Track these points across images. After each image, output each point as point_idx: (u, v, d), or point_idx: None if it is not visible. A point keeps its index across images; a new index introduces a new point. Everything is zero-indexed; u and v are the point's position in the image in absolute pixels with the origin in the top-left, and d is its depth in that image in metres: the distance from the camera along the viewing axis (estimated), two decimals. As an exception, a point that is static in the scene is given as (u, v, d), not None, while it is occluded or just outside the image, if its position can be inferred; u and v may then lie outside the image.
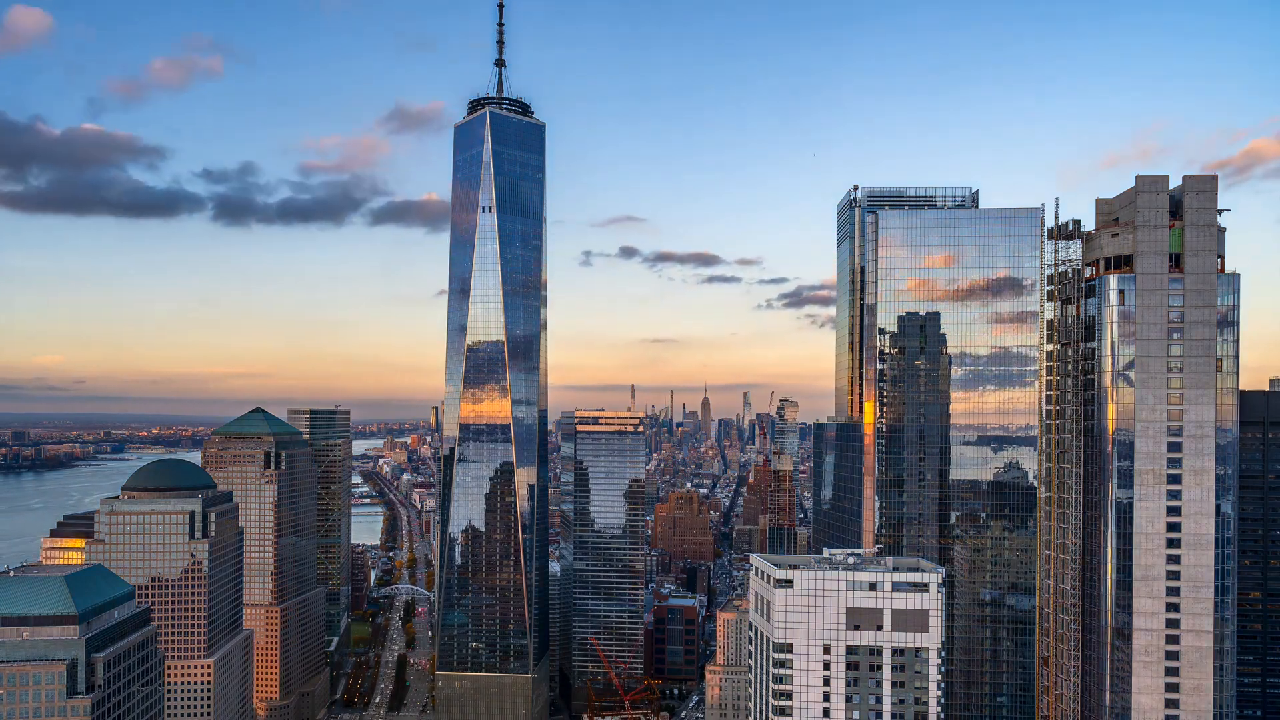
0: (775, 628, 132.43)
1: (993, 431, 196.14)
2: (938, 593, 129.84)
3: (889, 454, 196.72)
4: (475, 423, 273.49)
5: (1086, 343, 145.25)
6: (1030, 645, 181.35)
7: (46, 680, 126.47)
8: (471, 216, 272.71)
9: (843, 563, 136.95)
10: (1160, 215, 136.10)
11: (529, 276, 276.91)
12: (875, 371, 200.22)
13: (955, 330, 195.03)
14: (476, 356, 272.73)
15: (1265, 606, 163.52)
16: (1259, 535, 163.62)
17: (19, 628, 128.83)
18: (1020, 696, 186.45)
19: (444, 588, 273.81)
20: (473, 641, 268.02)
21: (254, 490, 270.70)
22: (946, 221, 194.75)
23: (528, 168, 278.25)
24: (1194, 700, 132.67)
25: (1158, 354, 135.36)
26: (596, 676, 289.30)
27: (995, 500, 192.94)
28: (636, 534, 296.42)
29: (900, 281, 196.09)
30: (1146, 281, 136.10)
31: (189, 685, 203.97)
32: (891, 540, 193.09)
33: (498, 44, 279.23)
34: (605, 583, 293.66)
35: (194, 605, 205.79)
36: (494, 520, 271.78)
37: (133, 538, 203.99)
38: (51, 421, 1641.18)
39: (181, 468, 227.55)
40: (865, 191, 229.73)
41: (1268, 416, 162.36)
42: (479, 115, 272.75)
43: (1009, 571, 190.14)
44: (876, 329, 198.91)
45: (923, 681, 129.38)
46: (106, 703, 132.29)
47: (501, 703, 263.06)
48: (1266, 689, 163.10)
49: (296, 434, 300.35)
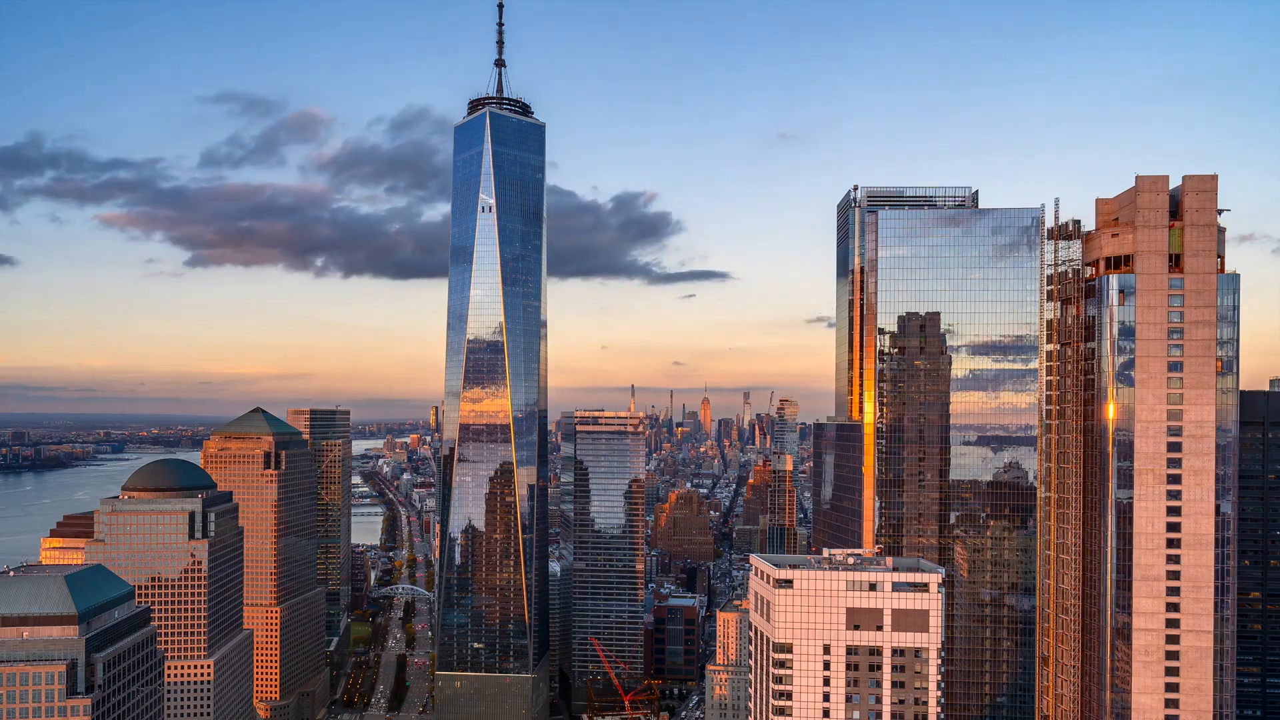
0: (775, 628, 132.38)
1: (993, 431, 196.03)
2: (938, 593, 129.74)
3: (889, 454, 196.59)
4: (475, 423, 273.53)
5: (1086, 343, 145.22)
6: (1030, 645, 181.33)
7: (46, 680, 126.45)
8: (471, 216, 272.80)
9: (843, 563, 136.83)
10: (1160, 215, 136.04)
11: (528, 277, 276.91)
12: (875, 371, 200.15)
13: (955, 330, 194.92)
14: (476, 357, 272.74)
15: (1265, 606, 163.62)
16: (1259, 535, 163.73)
17: (19, 628, 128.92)
18: (1020, 696, 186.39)
19: (444, 588, 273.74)
20: (473, 641, 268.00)
21: (254, 490, 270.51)
22: (946, 221, 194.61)
23: (528, 168, 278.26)
24: (1194, 700, 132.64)
25: (1158, 354, 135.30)
26: (596, 676, 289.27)
27: (995, 500, 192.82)
28: (636, 534, 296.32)
29: (900, 281, 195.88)
30: (1146, 281, 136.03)
31: (189, 685, 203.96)
32: (891, 540, 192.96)
33: (498, 44, 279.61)
34: (605, 583, 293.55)
35: (194, 605, 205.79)
36: (494, 520, 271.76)
37: (133, 538, 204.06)
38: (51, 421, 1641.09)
39: (181, 468, 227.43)
40: (865, 191, 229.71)
41: (1268, 416, 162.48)
42: (479, 115, 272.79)
43: (1009, 571, 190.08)
44: (876, 329, 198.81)
45: (923, 681, 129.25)
46: (106, 703, 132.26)
47: (501, 703, 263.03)
48: (1266, 689, 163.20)
49: (296, 434, 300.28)
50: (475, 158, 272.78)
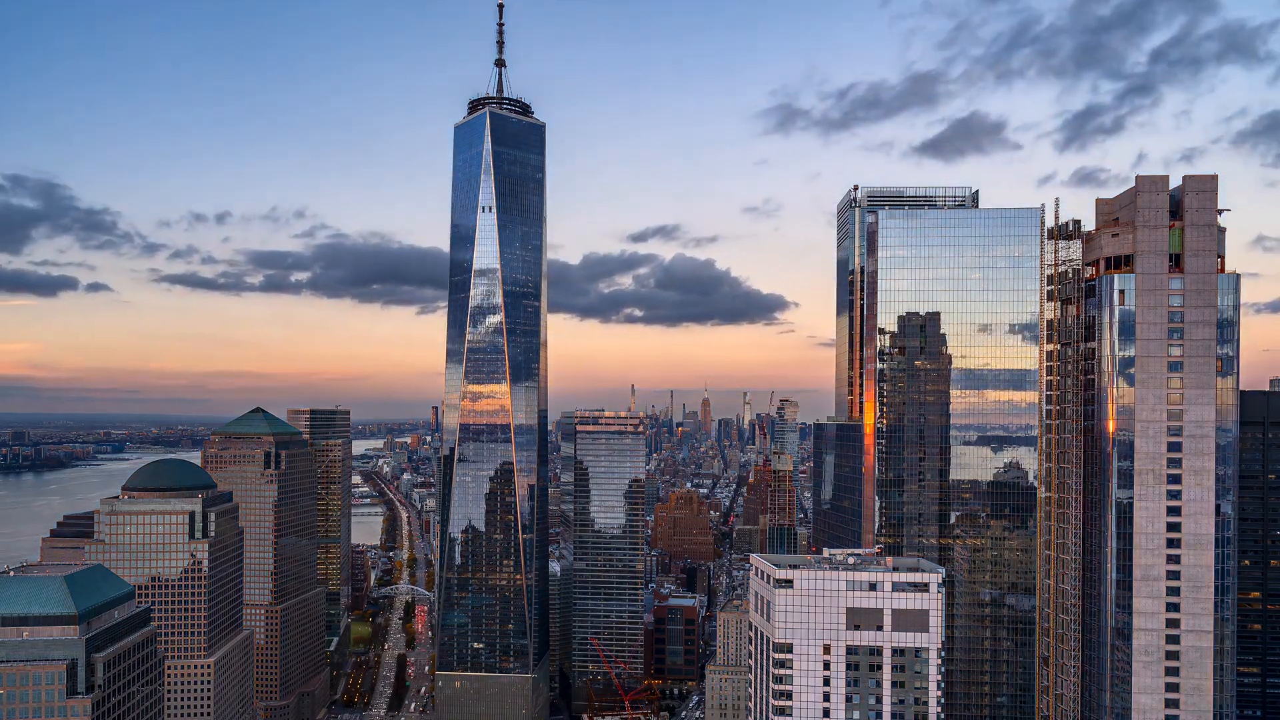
0: (775, 628, 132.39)
1: (993, 431, 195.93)
2: (938, 593, 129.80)
3: (889, 454, 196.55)
4: (475, 423, 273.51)
5: (1086, 343, 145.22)
6: (1030, 645, 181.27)
7: (46, 680, 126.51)
8: (471, 216, 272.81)
9: (843, 563, 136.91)
10: (1160, 215, 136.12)
11: (529, 277, 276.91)
12: (875, 371, 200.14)
13: (955, 330, 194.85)
14: (476, 357, 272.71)
15: (1265, 606, 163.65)
16: (1259, 535, 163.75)
17: (19, 628, 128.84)
18: (1020, 696, 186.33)
19: (444, 588, 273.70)
20: (473, 641, 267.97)
21: (254, 490, 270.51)
22: (946, 221, 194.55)
23: (528, 168, 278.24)
24: (1194, 700, 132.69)
25: (1158, 354, 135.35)
26: (596, 676, 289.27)
27: (995, 500, 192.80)
28: (636, 534, 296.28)
29: (900, 281, 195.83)
30: (1146, 281, 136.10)
31: (189, 685, 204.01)
32: (891, 540, 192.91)
33: (498, 44, 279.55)
34: (605, 583, 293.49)
35: (194, 605, 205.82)
36: (494, 520, 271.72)
37: (133, 538, 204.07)
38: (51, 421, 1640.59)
39: (181, 468, 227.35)
40: (865, 191, 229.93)
41: (1268, 416, 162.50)
42: (479, 115, 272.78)
43: (1009, 571, 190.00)
44: (876, 329, 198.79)
45: (923, 681, 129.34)
46: (106, 703, 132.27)
47: (501, 703, 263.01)
48: (1266, 689, 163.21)
49: (296, 434, 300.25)
50: (475, 158, 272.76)
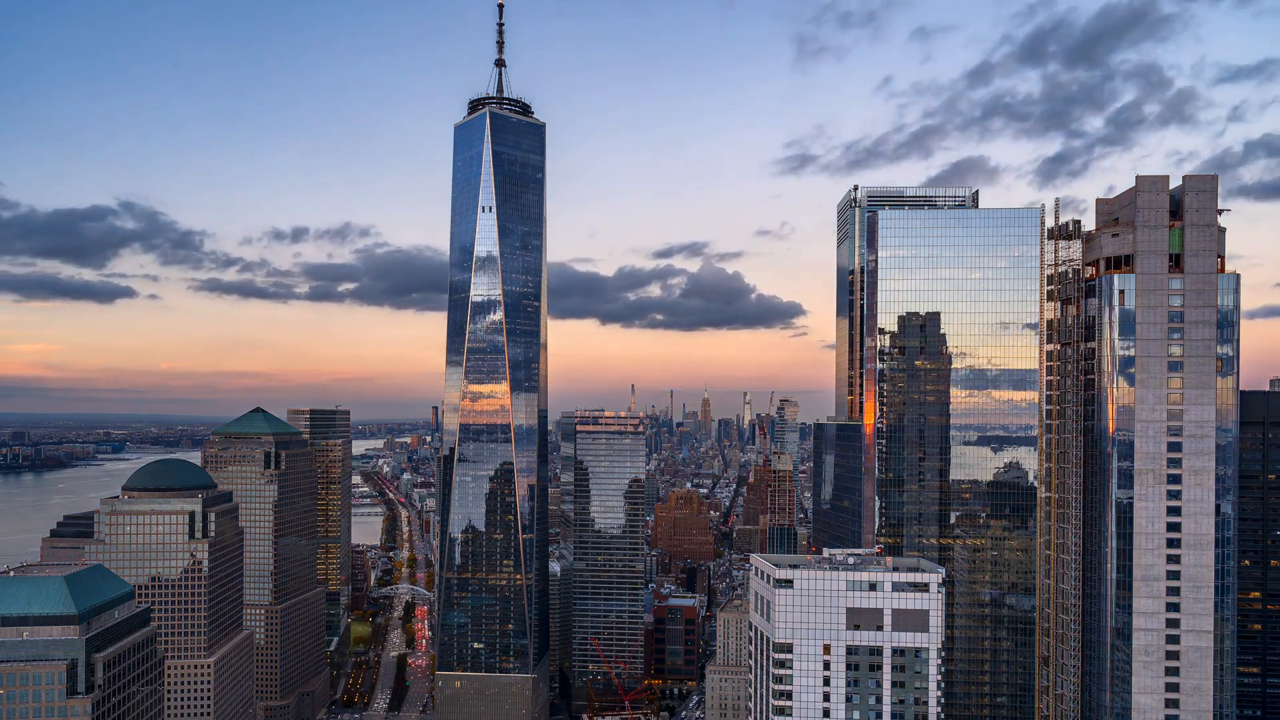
0: (775, 628, 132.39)
1: (993, 431, 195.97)
2: (938, 593, 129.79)
3: (889, 454, 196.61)
4: (475, 423, 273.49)
5: (1086, 343, 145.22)
6: (1030, 645, 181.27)
7: (46, 680, 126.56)
8: (471, 216, 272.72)
9: (843, 563, 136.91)
10: (1160, 215, 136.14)
11: (529, 276, 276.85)
12: (875, 371, 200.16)
13: (955, 330, 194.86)
14: (476, 357, 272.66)
15: (1265, 606, 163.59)
16: (1259, 535, 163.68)
17: (19, 628, 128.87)
18: (1020, 696, 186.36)
19: (444, 588, 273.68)
20: (473, 641, 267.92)
21: (254, 490, 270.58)
22: (946, 221, 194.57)
23: (527, 168, 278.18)
24: (1194, 700, 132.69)
25: (1158, 354, 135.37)
26: (596, 676, 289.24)
27: (995, 500, 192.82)
28: (636, 534, 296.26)
29: (900, 281, 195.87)
30: (1146, 281, 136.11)
31: (189, 685, 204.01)
32: (892, 540, 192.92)
33: (498, 44, 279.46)
34: (605, 583, 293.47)
35: (194, 605, 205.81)
36: (494, 520, 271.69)
37: (133, 538, 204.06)
38: (51, 421, 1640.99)
39: (181, 468, 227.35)
40: (865, 191, 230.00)
41: (1268, 416, 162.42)
42: (479, 115, 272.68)
43: (1009, 571, 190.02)
44: (876, 329, 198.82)
45: (923, 681, 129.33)
46: (106, 703, 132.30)
47: (501, 703, 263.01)
48: (1266, 689, 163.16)
49: (296, 434, 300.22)
50: (475, 158, 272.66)
